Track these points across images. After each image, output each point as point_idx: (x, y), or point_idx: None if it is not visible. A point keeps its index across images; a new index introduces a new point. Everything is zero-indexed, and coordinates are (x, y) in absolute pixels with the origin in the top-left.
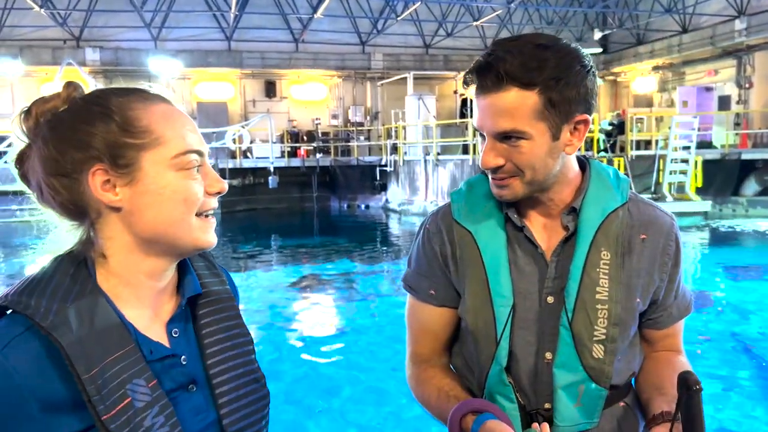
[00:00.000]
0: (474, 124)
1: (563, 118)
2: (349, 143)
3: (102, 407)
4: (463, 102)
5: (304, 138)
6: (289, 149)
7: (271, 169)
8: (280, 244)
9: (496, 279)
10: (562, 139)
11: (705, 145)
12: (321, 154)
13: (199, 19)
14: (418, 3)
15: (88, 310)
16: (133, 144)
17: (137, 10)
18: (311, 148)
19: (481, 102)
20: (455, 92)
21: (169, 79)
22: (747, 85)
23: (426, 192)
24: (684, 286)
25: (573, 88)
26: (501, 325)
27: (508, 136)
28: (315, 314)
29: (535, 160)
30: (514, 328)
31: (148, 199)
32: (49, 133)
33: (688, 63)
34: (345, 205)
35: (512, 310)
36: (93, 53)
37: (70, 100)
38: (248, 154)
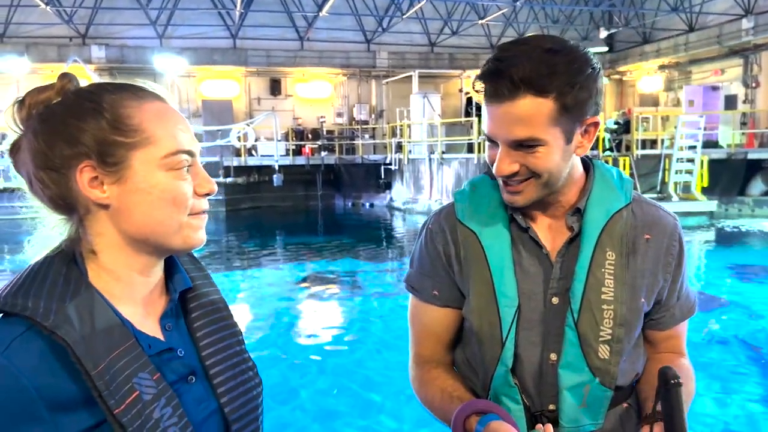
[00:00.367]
0: (485, 131)
1: (576, 122)
2: (354, 141)
3: (113, 402)
4: (468, 101)
5: (309, 136)
6: (294, 147)
7: (276, 167)
8: (285, 242)
9: (501, 280)
10: (574, 141)
11: (711, 145)
12: (326, 153)
13: (205, 17)
14: (424, 1)
15: (87, 308)
16: (123, 142)
17: (143, 7)
18: (316, 146)
19: (494, 110)
20: (460, 91)
21: (174, 77)
22: (754, 85)
23: (431, 191)
24: (688, 287)
25: (585, 92)
26: (506, 326)
27: (524, 144)
28: (319, 312)
29: (551, 164)
30: (519, 329)
31: (136, 198)
32: (39, 125)
33: (694, 62)
34: (349, 204)
35: (517, 310)
36: (99, 51)
37: (63, 93)
38: (253, 152)
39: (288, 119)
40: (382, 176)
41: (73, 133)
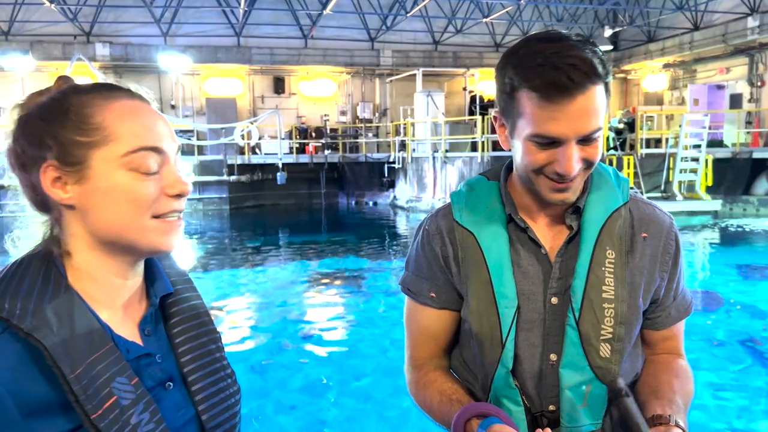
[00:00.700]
0: (548, 133)
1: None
2: (358, 140)
3: (90, 406)
4: (472, 99)
5: (313, 134)
6: (298, 145)
7: (280, 166)
8: (288, 240)
9: (500, 281)
10: None
11: (716, 144)
12: (329, 151)
13: (209, 15)
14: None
15: (66, 310)
16: (83, 142)
17: (147, 5)
18: (320, 144)
19: (564, 107)
20: (464, 89)
21: (179, 75)
22: (759, 84)
23: (434, 189)
24: (684, 288)
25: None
26: (506, 328)
27: (588, 138)
28: (322, 310)
29: (599, 152)
30: (519, 330)
31: (98, 199)
32: (16, 127)
33: (699, 61)
34: (353, 202)
35: (517, 311)
36: (103, 48)
37: (49, 96)
38: (257, 150)
39: (292, 117)
40: (386, 175)
41: (38, 134)
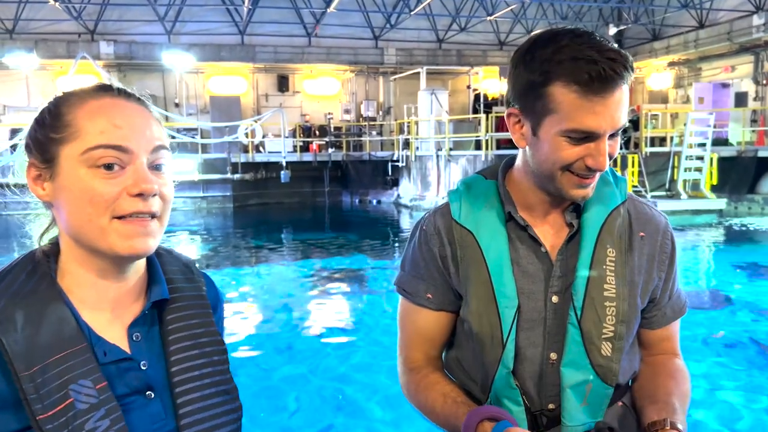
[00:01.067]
0: (587, 127)
1: None
2: (362, 138)
3: (39, 407)
4: (476, 97)
5: (317, 133)
6: (302, 144)
7: (284, 164)
8: (292, 239)
9: (500, 280)
10: None
11: (721, 142)
12: (333, 149)
13: (213, 13)
14: None
15: (37, 308)
16: (54, 138)
17: (151, 3)
18: (323, 142)
19: (604, 100)
20: (468, 87)
21: (182, 73)
22: (764, 82)
23: (438, 188)
24: (679, 288)
25: None
26: (507, 327)
27: (616, 133)
28: (326, 308)
29: (618, 149)
30: (519, 330)
31: (63, 196)
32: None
33: (704, 59)
34: (356, 200)
35: (517, 311)
36: (107, 47)
37: None
38: (261, 149)
39: (295, 116)
40: (390, 173)
41: (30, 134)
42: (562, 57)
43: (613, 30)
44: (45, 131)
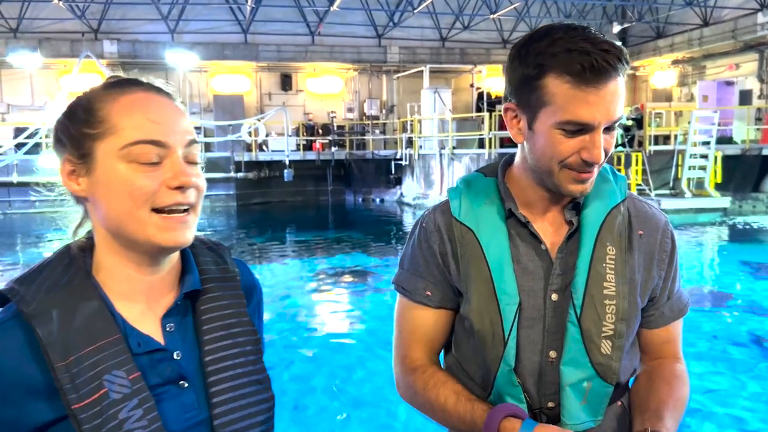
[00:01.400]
0: (580, 119)
1: None
2: (365, 137)
3: (74, 396)
4: (480, 96)
5: (320, 131)
6: (305, 142)
7: (287, 162)
8: (295, 237)
9: (501, 277)
10: None
11: (725, 141)
12: (336, 148)
13: (216, 11)
14: None
15: (73, 300)
16: (89, 134)
17: (154, 2)
18: (326, 141)
19: (598, 91)
20: (471, 86)
21: (186, 72)
22: None
23: (441, 186)
24: (681, 288)
25: None
26: (508, 325)
27: (612, 126)
28: (329, 307)
29: (614, 143)
30: (519, 327)
31: (101, 191)
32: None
33: (708, 57)
34: (360, 199)
35: (518, 308)
36: (111, 46)
37: None
38: (264, 147)
39: (299, 114)
40: (393, 172)
41: (60, 130)
42: (556, 49)
43: (617, 28)
44: (78, 127)
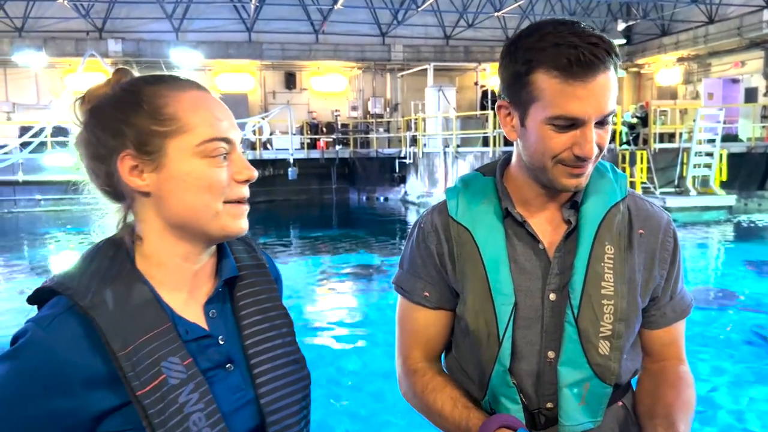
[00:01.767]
0: (569, 113)
1: None
2: (369, 135)
3: (137, 383)
4: (484, 94)
5: (324, 130)
6: (309, 141)
7: (291, 161)
8: (299, 236)
9: (496, 277)
10: None
11: (730, 138)
12: (340, 146)
13: (220, 10)
14: None
15: (125, 291)
16: (159, 131)
17: (159, 1)
18: (331, 139)
19: (586, 85)
20: (476, 84)
21: (190, 71)
22: None
23: (445, 184)
24: (684, 288)
25: None
26: (503, 325)
27: (604, 121)
28: (333, 306)
29: (608, 138)
30: (516, 328)
31: (173, 185)
32: (90, 118)
33: (714, 54)
34: (364, 197)
35: (514, 308)
36: (115, 44)
37: (113, 87)
38: (268, 146)
39: (303, 113)
40: (397, 170)
41: (115, 125)
42: (545, 44)
43: (621, 25)
44: (144, 123)
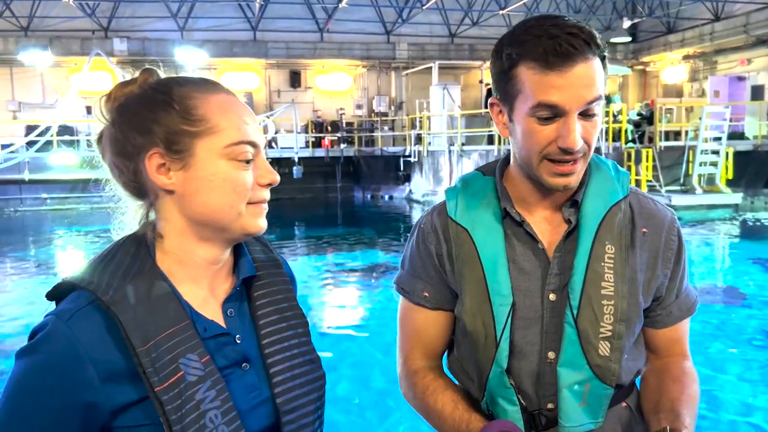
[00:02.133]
0: (549, 101)
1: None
2: (373, 133)
3: (156, 379)
4: (489, 92)
5: (329, 128)
6: (314, 139)
7: (296, 159)
8: (304, 234)
9: (494, 277)
10: None
11: (737, 136)
12: (345, 145)
13: (225, 9)
14: None
15: (146, 288)
16: (188, 131)
17: (164, 0)
18: (335, 138)
19: (565, 74)
20: (480, 82)
21: (195, 69)
22: None
23: (450, 183)
24: (689, 286)
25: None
26: (500, 326)
27: (588, 111)
28: (338, 304)
29: (597, 134)
30: (515, 328)
31: (198, 185)
32: (118, 116)
33: (720, 52)
34: (368, 196)
35: (512, 309)
36: (120, 44)
37: (141, 86)
38: (273, 145)
39: (308, 111)
40: (402, 168)
41: (145, 123)
42: (526, 37)
43: (627, 23)
44: (174, 122)
